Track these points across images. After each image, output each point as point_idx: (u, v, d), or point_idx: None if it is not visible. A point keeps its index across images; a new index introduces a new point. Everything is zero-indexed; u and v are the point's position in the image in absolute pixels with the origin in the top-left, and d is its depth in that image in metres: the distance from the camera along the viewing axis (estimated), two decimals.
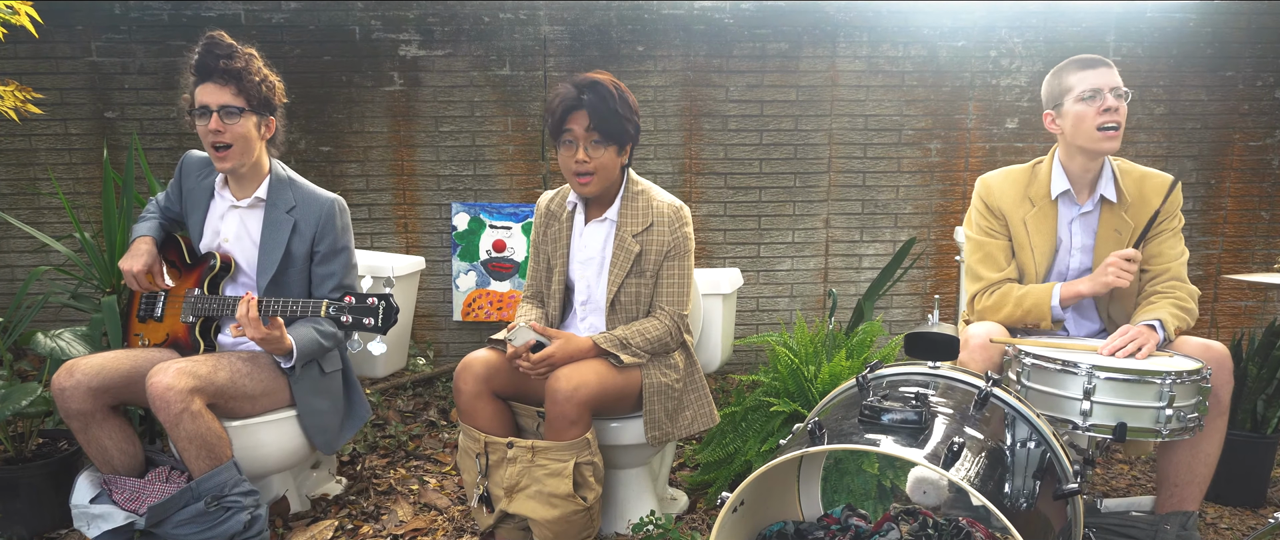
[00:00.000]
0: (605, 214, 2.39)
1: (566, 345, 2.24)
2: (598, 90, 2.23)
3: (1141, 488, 2.93)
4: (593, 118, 2.23)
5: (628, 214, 2.36)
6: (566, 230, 2.43)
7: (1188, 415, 2.04)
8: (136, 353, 2.35)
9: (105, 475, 2.30)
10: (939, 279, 4.29)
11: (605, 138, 2.26)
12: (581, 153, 2.25)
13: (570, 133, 2.26)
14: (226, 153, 2.32)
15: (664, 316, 2.35)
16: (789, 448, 1.65)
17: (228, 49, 2.28)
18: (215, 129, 2.28)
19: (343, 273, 2.47)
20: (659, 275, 2.37)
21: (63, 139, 3.98)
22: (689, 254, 2.39)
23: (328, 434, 2.47)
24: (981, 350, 2.27)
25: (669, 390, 2.34)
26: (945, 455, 1.46)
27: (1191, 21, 4.09)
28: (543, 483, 2.14)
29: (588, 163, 2.26)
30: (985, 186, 2.55)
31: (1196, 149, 4.22)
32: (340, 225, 2.46)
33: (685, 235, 2.36)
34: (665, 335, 2.34)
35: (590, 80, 2.25)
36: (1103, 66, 2.35)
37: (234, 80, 2.27)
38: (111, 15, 3.88)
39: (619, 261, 2.34)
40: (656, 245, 2.34)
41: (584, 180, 2.29)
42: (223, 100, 2.28)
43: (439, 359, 4.18)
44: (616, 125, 2.25)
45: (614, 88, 2.25)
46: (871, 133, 4.15)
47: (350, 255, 2.50)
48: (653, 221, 2.34)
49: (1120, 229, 2.42)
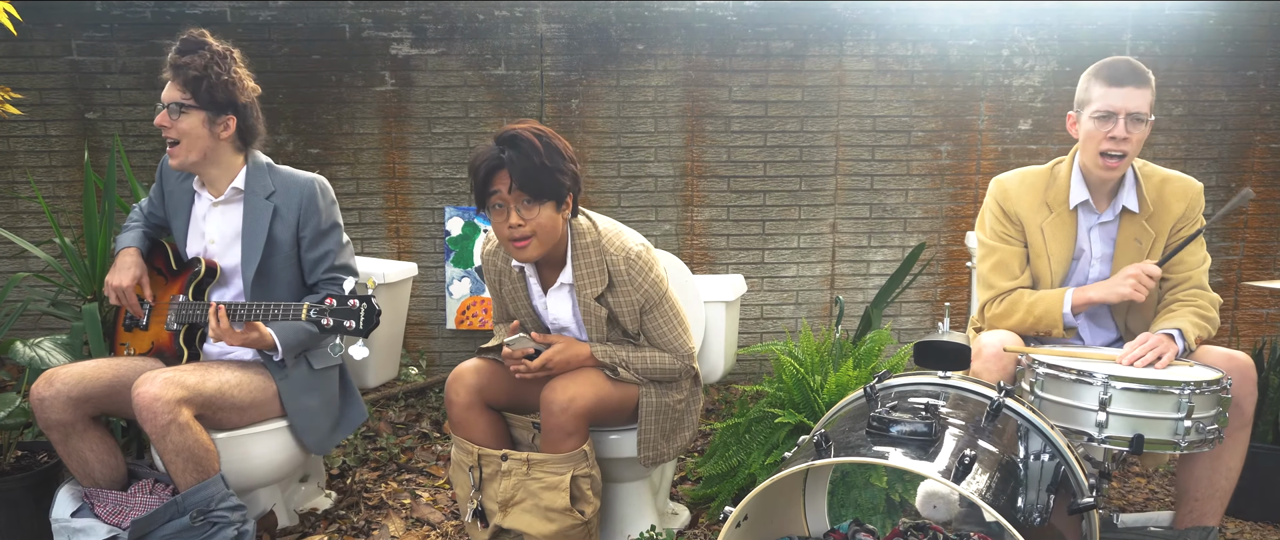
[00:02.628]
0: (560, 279, 2.28)
1: (566, 350, 2.24)
2: (518, 145, 2.08)
3: (1160, 502, 2.93)
4: (516, 176, 2.08)
5: (583, 274, 2.23)
6: (522, 290, 2.35)
7: (1207, 427, 2.04)
8: (119, 362, 2.36)
9: (87, 488, 2.31)
10: (950, 286, 4.30)
11: (536, 196, 2.10)
12: (514, 217, 2.11)
13: (497, 194, 2.12)
14: (173, 149, 2.35)
15: (674, 357, 2.32)
16: (794, 461, 1.65)
17: (188, 45, 2.31)
18: (161, 123, 2.33)
19: (337, 252, 2.46)
20: (646, 330, 2.31)
21: (42, 141, 3.99)
22: (665, 296, 2.28)
23: (319, 433, 2.48)
24: (995, 360, 2.27)
25: (668, 410, 2.33)
26: (956, 468, 1.47)
27: (1211, 19, 4.11)
28: (539, 496, 2.15)
29: (522, 227, 2.11)
30: (1001, 189, 2.52)
31: (1216, 151, 4.23)
32: (324, 204, 2.45)
33: (652, 281, 2.24)
34: (673, 372, 2.32)
35: (511, 134, 2.11)
36: (1129, 85, 2.26)
37: (181, 75, 2.30)
38: (93, 13, 3.90)
39: (594, 325, 2.28)
40: (626, 304, 2.24)
41: (521, 244, 2.14)
42: (172, 97, 2.31)
43: (432, 369, 4.19)
44: (546, 180, 2.09)
45: (538, 139, 2.11)
46: (880, 134, 4.16)
47: (341, 233, 2.50)
48: (610, 279, 2.22)
49: (1140, 238, 2.41)
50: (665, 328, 2.30)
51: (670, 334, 2.30)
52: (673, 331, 2.31)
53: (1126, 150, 2.28)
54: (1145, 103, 2.27)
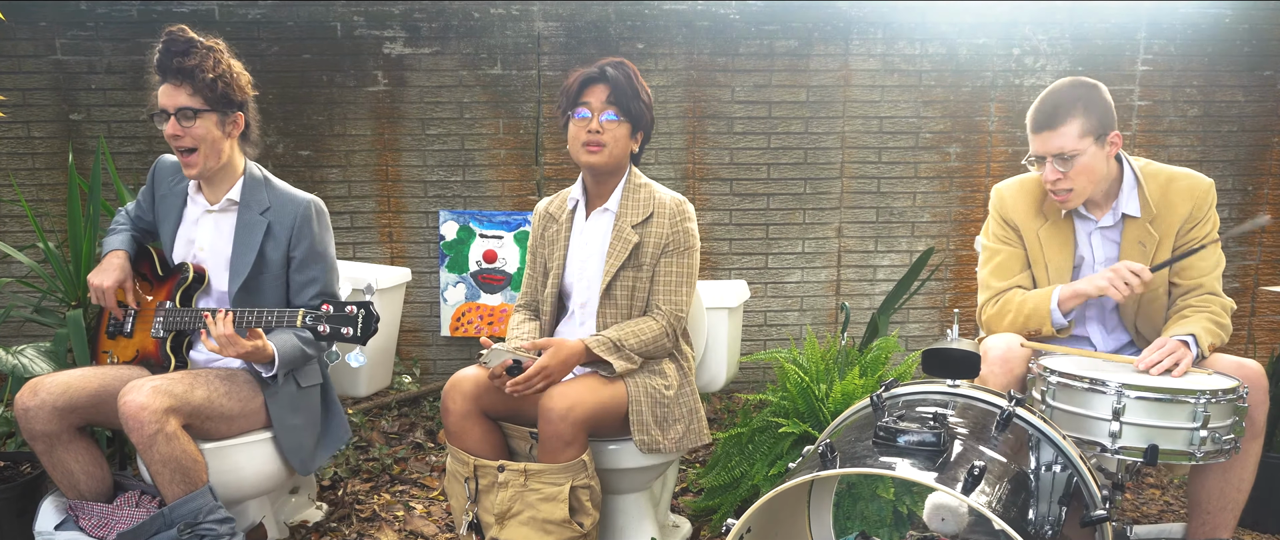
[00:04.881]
0: (606, 205, 2.45)
1: (557, 353, 2.25)
2: (622, 68, 2.37)
3: (1174, 514, 2.94)
4: (613, 91, 2.34)
5: (628, 204, 2.42)
6: (566, 230, 2.49)
7: (1223, 437, 2.05)
8: (104, 370, 2.36)
9: (71, 500, 2.31)
10: (959, 291, 4.31)
11: (621, 114, 2.35)
12: (595, 122, 2.34)
13: (586, 104, 2.35)
14: (192, 157, 2.33)
15: (660, 316, 2.38)
16: (799, 471, 1.66)
17: (183, 45, 2.28)
18: (173, 133, 2.30)
19: (324, 279, 2.47)
20: (656, 271, 2.40)
21: (25, 142, 4.00)
22: (690, 251, 2.42)
23: (303, 453, 2.48)
24: (1001, 363, 2.29)
25: (657, 396, 2.34)
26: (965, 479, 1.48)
27: (1227, 18, 4.13)
28: (536, 508, 2.15)
29: (601, 134, 2.34)
30: (998, 197, 2.60)
31: (1232, 153, 4.24)
32: (318, 228, 2.47)
33: (686, 231, 2.41)
34: (660, 335, 2.37)
35: (616, 60, 2.39)
36: (1045, 130, 2.34)
37: (188, 79, 2.28)
38: (77, 11, 3.91)
39: (616, 251, 2.38)
40: (655, 238, 2.38)
41: (594, 148, 2.35)
42: (179, 102, 2.29)
43: (426, 377, 4.20)
44: (635, 105, 2.36)
45: (635, 73, 2.39)
46: (886, 136, 4.17)
47: (330, 260, 2.50)
48: (653, 212, 2.40)
49: (1145, 241, 2.42)
50: (675, 277, 2.41)
51: (673, 285, 2.41)
52: (678, 286, 2.41)
53: (1067, 186, 2.36)
54: (1069, 140, 2.31)
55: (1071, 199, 2.39)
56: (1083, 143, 2.31)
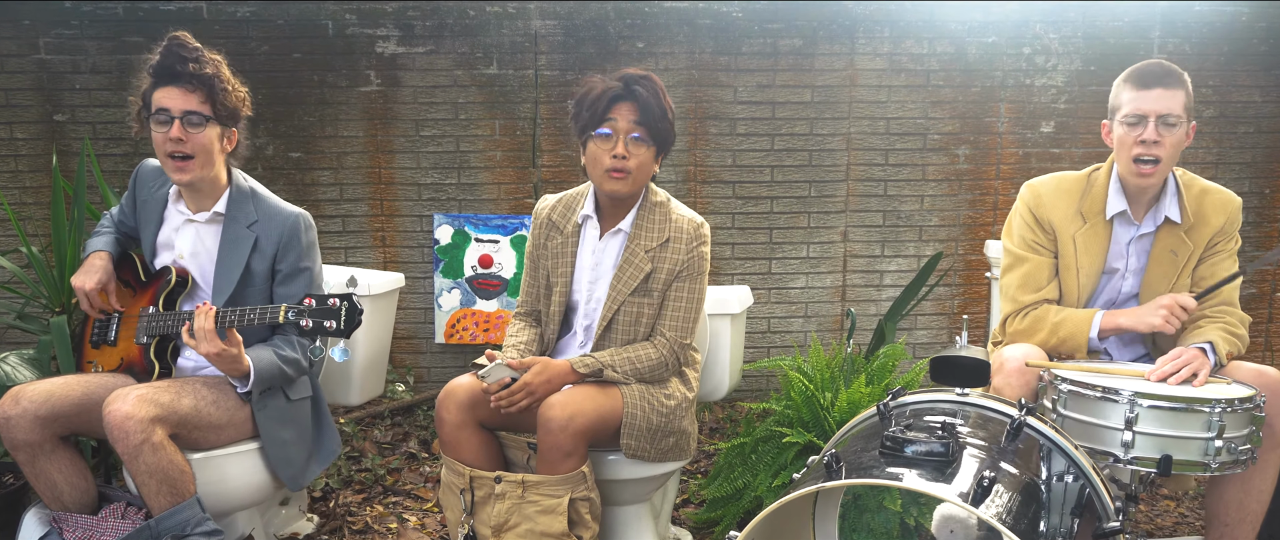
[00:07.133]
0: (619, 225, 2.42)
1: (544, 371, 2.25)
2: (649, 85, 2.31)
3: (1189, 526, 2.94)
4: (642, 113, 2.29)
5: (643, 226, 2.40)
6: (572, 244, 2.45)
7: (1239, 447, 2.06)
8: (89, 378, 2.37)
9: (55, 512, 2.31)
10: (968, 297, 4.31)
11: (649, 137, 2.32)
12: (620, 145, 2.29)
13: (612, 124, 2.30)
14: (187, 164, 2.34)
15: (662, 344, 2.37)
16: (803, 482, 1.66)
17: (195, 52, 2.30)
18: (177, 137, 2.29)
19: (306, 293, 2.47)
20: (666, 297, 2.39)
21: (8, 144, 4.01)
22: (702, 275, 2.41)
23: (293, 467, 2.48)
24: (1017, 375, 2.28)
25: (655, 405, 2.33)
26: (975, 491, 1.48)
27: (1244, 16, 4.14)
28: (534, 520, 2.15)
29: (627, 159, 2.30)
30: (1034, 195, 2.53)
31: (1249, 155, 4.25)
32: (305, 243, 2.48)
33: (701, 255, 2.40)
34: (660, 364, 2.36)
35: (640, 74, 2.33)
36: (1158, 86, 2.30)
37: (203, 86, 2.30)
38: (62, 10, 3.92)
39: (626, 276, 2.36)
40: (670, 264, 2.37)
41: (619, 175, 2.31)
42: (189, 106, 2.30)
43: (420, 385, 4.20)
44: (662, 125, 2.33)
45: (661, 89, 2.34)
46: (893, 137, 4.18)
47: (315, 274, 2.52)
48: (670, 237, 2.37)
49: (1177, 250, 2.42)
50: (684, 303, 2.40)
51: (682, 312, 2.39)
52: (687, 313, 2.40)
53: (1160, 155, 2.31)
54: (1177, 104, 2.30)
55: (1156, 173, 2.33)
56: (1185, 114, 2.32)
